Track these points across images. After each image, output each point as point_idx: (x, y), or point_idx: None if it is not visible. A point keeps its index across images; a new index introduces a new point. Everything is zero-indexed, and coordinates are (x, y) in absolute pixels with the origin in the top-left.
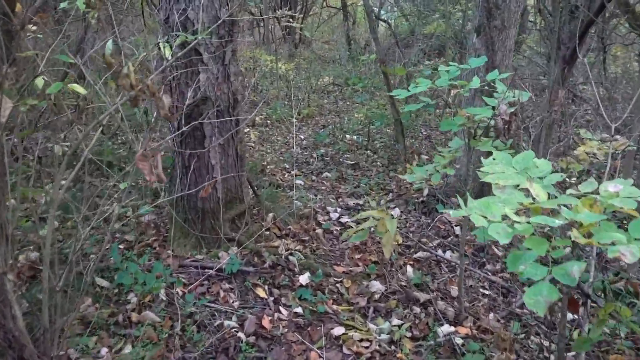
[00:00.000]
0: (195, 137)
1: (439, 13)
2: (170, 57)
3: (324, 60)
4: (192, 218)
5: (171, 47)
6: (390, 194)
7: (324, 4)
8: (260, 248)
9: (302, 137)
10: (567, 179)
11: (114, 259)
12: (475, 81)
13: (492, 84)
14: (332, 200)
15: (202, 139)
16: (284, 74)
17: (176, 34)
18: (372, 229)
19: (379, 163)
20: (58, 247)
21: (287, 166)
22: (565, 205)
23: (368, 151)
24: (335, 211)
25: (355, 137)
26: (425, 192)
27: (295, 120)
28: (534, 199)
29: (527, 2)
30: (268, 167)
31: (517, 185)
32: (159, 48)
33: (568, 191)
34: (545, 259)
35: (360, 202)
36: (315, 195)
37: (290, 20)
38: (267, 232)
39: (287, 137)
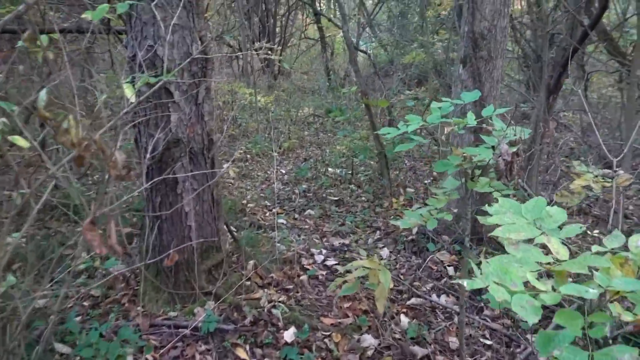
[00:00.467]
0: (167, 182)
1: (417, 42)
2: (133, 99)
3: (303, 91)
4: (165, 271)
5: (134, 87)
6: (378, 232)
7: (302, 35)
8: (240, 301)
9: (284, 171)
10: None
11: (71, 328)
12: (470, 117)
13: (488, 119)
14: (316, 240)
15: (174, 184)
16: (264, 106)
17: (141, 75)
18: (363, 278)
19: (363, 198)
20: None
21: (269, 204)
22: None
23: (352, 185)
24: (320, 253)
25: (338, 171)
26: (415, 230)
27: (276, 154)
28: (554, 257)
29: None
30: (248, 205)
31: (531, 240)
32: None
33: (594, 248)
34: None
35: (346, 241)
36: (299, 236)
37: (269, 52)
38: (248, 283)
39: (268, 172)
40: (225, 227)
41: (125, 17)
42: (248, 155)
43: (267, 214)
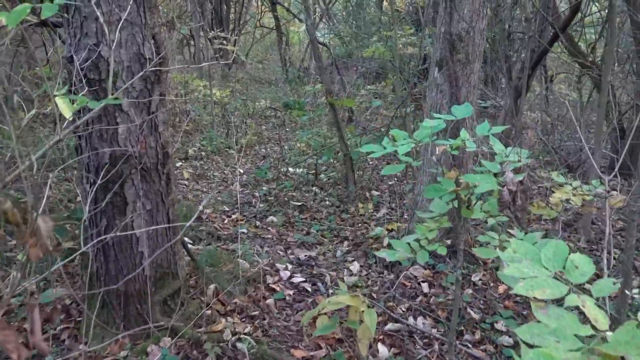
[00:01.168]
0: (114, 204)
1: (376, 36)
2: (70, 117)
3: (259, 81)
4: (113, 302)
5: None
6: (346, 242)
7: (257, 23)
8: (200, 336)
9: (242, 171)
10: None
11: None
12: (464, 135)
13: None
14: (280, 252)
15: (123, 206)
16: (219, 100)
17: (82, 79)
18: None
19: (328, 202)
20: None
21: (227, 209)
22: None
23: (315, 188)
24: (286, 268)
25: (299, 171)
26: (386, 241)
27: (234, 152)
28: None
29: None
30: (205, 211)
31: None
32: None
33: None
34: None
35: (313, 253)
36: (262, 247)
37: (224, 42)
38: (209, 312)
39: (225, 171)
40: (182, 245)
41: (62, 8)
42: (203, 153)
43: (226, 221)
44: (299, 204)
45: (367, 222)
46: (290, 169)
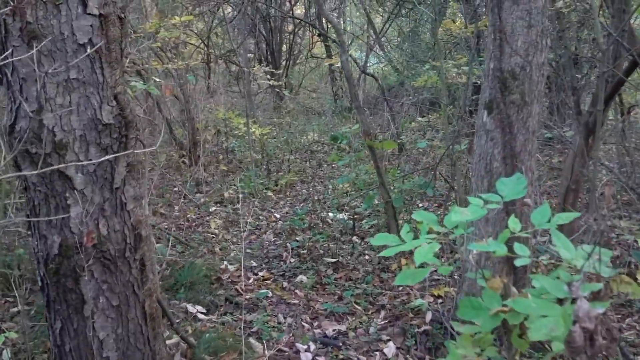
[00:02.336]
0: (68, 302)
1: (428, 65)
2: None
3: (310, 112)
4: None
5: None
6: (382, 313)
7: (309, 54)
8: None
9: (278, 215)
10: None
11: None
12: (513, 224)
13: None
14: (305, 324)
15: (81, 304)
16: (259, 138)
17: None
18: None
19: (367, 257)
20: None
21: (255, 264)
22: None
23: (355, 237)
24: (308, 349)
25: (340, 217)
26: (429, 316)
27: (271, 193)
28: None
29: None
30: (228, 267)
31: None
32: None
33: None
34: None
35: (343, 327)
36: (285, 317)
37: (269, 77)
38: None
39: (260, 217)
40: (176, 335)
41: (1, 69)
42: (240, 195)
43: (251, 280)
44: (334, 260)
45: (410, 285)
46: (331, 214)
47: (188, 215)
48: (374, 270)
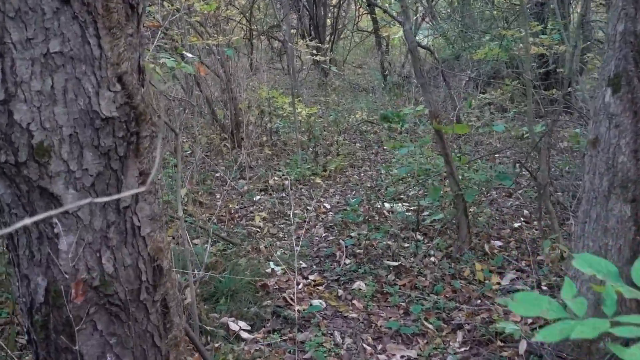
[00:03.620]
0: None
1: (489, 35)
2: None
3: (357, 88)
4: None
5: None
6: (460, 335)
7: (355, 27)
8: None
9: (328, 206)
10: None
11: None
12: None
13: None
14: (367, 347)
15: None
16: (305, 119)
17: None
18: None
19: (433, 259)
20: None
21: (304, 265)
22: None
23: (417, 234)
24: None
25: (398, 208)
26: (523, 347)
27: (319, 180)
28: None
29: None
30: (275, 269)
31: None
32: None
33: None
34: None
35: (413, 353)
36: (342, 338)
37: (315, 52)
38: None
39: (309, 207)
40: None
41: None
42: (286, 182)
43: (300, 285)
44: (395, 263)
45: (490, 296)
46: (387, 205)
47: (230, 206)
48: (443, 277)
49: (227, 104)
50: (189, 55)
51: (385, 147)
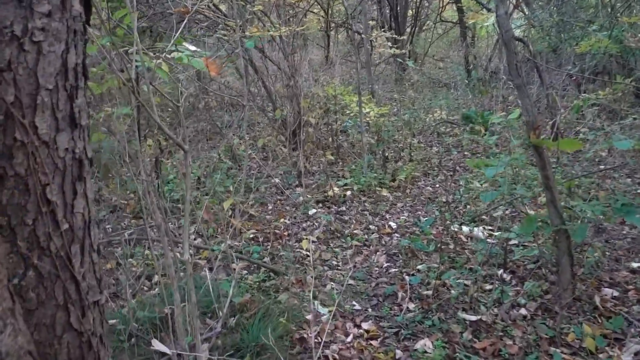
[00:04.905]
0: None
1: (597, 25)
2: None
3: (437, 84)
4: None
5: None
6: None
7: (438, 17)
8: None
9: (394, 225)
10: None
11: None
12: None
13: None
14: None
15: None
16: (374, 121)
17: None
18: None
19: (524, 312)
20: None
21: (358, 307)
22: None
23: (503, 273)
24: None
25: (478, 233)
26: None
27: (386, 192)
28: None
29: None
30: (320, 311)
31: None
32: None
33: None
34: None
35: None
36: None
37: (390, 44)
38: None
39: (371, 225)
40: None
41: None
42: (348, 192)
43: (350, 338)
44: (474, 317)
45: None
46: (465, 229)
47: (282, 221)
48: (538, 342)
49: (292, 101)
50: (192, 48)
51: (465, 152)
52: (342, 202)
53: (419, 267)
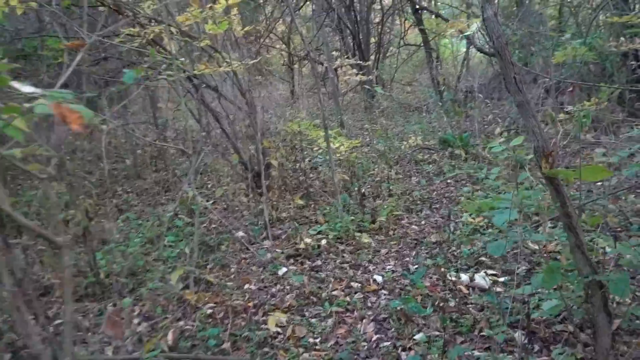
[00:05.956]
0: None
1: (570, 32)
2: None
3: (407, 108)
4: None
5: None
6: None
7: (401, 42)
8: None
9: (380, 279)
10: None
11: None
12: None
13: None
14: None
15: None
16: (344, 156)
17: None
18: None
19: None
20: None
21: None
22: None
23: (522, 335)
24: None
25: (479, 280)
26: None
27: (366, 238)
28: None
29: None
30: None
31: None
32: None
33: None
34: None
35: None
36: None
37: (356, 72)
38: None
39: (353, 281)
40: None
41: None
42: (323, 241)
43: None
44: None
45: None
46: (464, 277)
47: (246, 287)
48: None
49: (253, 141)
50: (28, 89)
51: (449, 181)
52: (317, 254)
53: (417, 337)
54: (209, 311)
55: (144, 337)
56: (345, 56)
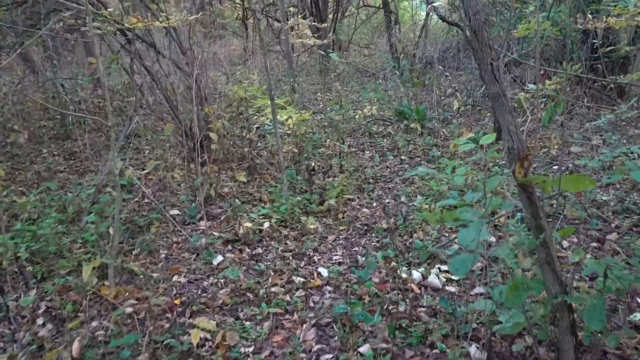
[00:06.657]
0: None
1: (533, 5)
2: None
3: (363, 73)
4: None
5: None
6: None
7: (361, 2)
8: None
9: (325, 272)
10: None
11: None
12: None
13: None
14: None
15: None
16: (293, 129)
17: None
18: None
19: None
20: None
21: None
22: None
23: (476, 348)
24: None
25: (433, 279)
26: None
27: (313, 223)
28: None
29: None
30: None
31: None
32: None
33: None
34: None
35: None
36: None
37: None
38: None
39: (295, 273)
40: None
41: None
42: (265, 225)
43: None
44: None
45: None
46: (415, 275)
47: (175, 279)
48: None
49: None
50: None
51: (403, 157)
52: (258, 240)
53: (362, 349)
54: (129, 309)
55: (46, 343)
56: (302, 14)
